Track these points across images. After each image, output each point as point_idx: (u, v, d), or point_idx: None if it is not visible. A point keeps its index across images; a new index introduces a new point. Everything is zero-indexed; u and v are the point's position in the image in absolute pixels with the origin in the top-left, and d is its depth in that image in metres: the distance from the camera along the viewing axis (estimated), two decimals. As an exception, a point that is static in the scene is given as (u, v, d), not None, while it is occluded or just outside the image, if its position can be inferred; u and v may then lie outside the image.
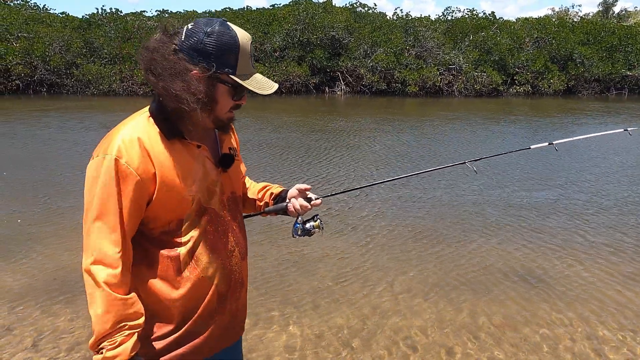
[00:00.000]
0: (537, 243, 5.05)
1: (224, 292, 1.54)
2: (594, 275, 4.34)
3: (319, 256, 4.65)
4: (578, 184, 7.34)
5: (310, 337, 3.33)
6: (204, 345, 1.53)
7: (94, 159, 1.37)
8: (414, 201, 6.39)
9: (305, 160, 8.63)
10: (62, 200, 6.18)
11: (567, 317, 3.63)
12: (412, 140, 10.79)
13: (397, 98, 20.37)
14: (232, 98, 1.43)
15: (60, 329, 3.37)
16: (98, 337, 1.32)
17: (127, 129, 1.39)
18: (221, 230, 1.53)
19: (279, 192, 1.79)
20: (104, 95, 18.97)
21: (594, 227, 5.52)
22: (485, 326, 3.50)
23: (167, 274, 1.45)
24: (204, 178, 1.47)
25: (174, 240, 1.44)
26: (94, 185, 1.35)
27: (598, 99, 21.74)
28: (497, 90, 21.64)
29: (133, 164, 1.35)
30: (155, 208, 1.40)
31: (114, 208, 1.34)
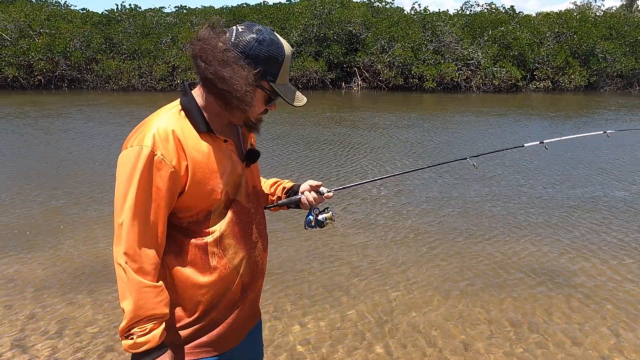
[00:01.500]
0: (562, 241, 5.00)
1: (248, 282, 1.59)
2: (620, 274, 4.28)
3: (335, 250, 4.67)
4: (604, 180, 7.23)
5: (326, 330, 3.36)
6: (228, 333, 1.57)
7: (127, 149, 1.40)
8: (431, 197, 6.36)
9: (318, 155, 8.64)
10: (93, 192, 6.31)
11: (587, 316, 3.60)
12: (426, 136, 10.73)
13: (414, 94, 20.22)
14: (265, 104, 1.50)
15: (84, 319, 3.45)
16: (129, 323, 1.37)
17: (161, 121, 1.43)
18: (246, 222, 1.58)
19: (290, 187, 1.86)
20: (123, 90, 19.21)
21: (620, 225, 5.44)
22: (503, 323, 3.48)
23: (194, 263, 1.48)
24: (231, 172, 1.52)
25: (202, 231, 1.48)
26: (128, 176, 1.37)
27: (620, 94, 21.29)
28: (516, 86, 21.31)
29: (168, 156, 1.38)
30: (186, 199, 1.44)
31: (149, 199, 1.38)
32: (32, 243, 4.75)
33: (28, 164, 7.83)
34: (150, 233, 1.39)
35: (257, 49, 1.41)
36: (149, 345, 1.37)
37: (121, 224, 1.37)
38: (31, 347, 3.12)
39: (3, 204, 5.90)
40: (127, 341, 1.38)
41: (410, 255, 4.60)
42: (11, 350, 3.09)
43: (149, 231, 1.39)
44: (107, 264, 4.29)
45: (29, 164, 7.83)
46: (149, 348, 1.38)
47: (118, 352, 3.08)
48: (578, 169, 7.93)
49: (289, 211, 1.88)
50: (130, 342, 1.37)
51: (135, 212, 1.37)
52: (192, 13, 24.15)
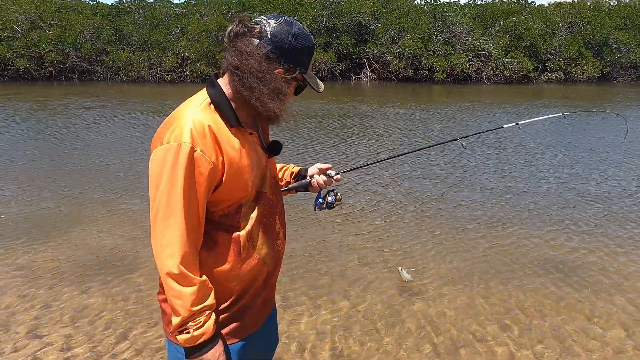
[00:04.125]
0: (578, 233, 4.96)
1: (272, 270, 1.64)
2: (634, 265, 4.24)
3: (347, 240, 4.67)
4: (621, 171, 7.14)
5: (336, 320, 3.37)
6: (254, 318, 1.63)
7: (164, 145, 1.39)
8: (439, 183, 6.32)
9: (326, 144, 8.62)
10: (96, 186, 6.36)
11: (599, 308, 3.57)
12: (435, 125, 10.65)
13: (424, 85, 20.08)
14: (295, 94, 1.57)
15: (98, 308, 3.49)
16: (182, 320, 1.41)
17: (195, 114, 1.42)
18: (271, 213, 1.61)
19: (297, 171, 1.89)
20: (133, 82, 19.27)
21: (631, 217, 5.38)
22: (516, 314, 3.47)
23: (227, 255, 1.51)
24: (258, 164, 1.54)
25: (233, 224, 1.51)
26: (170, 174, 1.37)
27: (634, 85, 20.97)
28: (527, 77, 21.07)
29: (207, 151, 1.39)
30: (220, 193, 1.46)
31: (193, 197, 1.39)
32: (47, 234, 4.80)
33: (45, 154, 7.89)
34: (195, 230, 1.42)
35: (294, 44, 1.45)
36: (205, 337, 1.43)
37: (165, 222, 1.38)
38: (45, 336, 3.16)
39: (16, 194, 5.96)
40: (183, 336, 1.42)
41: (418, 245, 4.58)
42: (26, 338, 3.13)
43: (194, 228, 1.41)
44: (121, 256, 4.32)
45: (46, 155, 7.89)
46: (205, 339, 1.43)
47: (131, 340, 3.11)
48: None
49: (298, 198, 1.89)
50: (187, 337, 1.42)
51: (181, 210, 1.38)
52: (200, 4, 24.09)
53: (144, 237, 4.66)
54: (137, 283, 3.83)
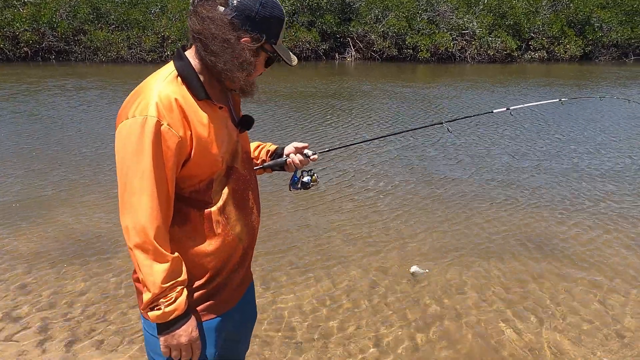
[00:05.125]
0: (556, 209, 5.02)
1: (247, 246, 1.63)
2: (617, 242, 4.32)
3: (328, 219, 4.67)
4: (599, 150, 7.23)
5: (320, 299, 3.38)
6: (231, 294, 1.62)
7: (129, 119, 1.35)
8: (416, 163, 6.34)
9: (308, 125, 8.56)
10: (75, 168, 6.23)
11: (581, 282, 3.63)
12: (417, 105, 10.64)
13: (408, 64, 20.00)
14: (265, 66, 1.51)
15: (76, 289, 3.44)
16: (153, 297, 1.38)
17: (160, 87, 1.38)
18: (244, 189, 1.59)
19: (274, 149, 1.85)
20: (113, 62, 18.83)
21: (616, 194, 5.47)
22: (496, 290, 3.51)
23: (200, 232, 1.49)
24: (228, 139, 1.51)
25: (205, 200, 1.48)
26: (136, 149, 1.33)
27: (615, 64, 21.17)
28: (511, 56, 21.11)
29: (174, 125, 1.35)
30: (189, 169, 1.43)
31: (160, 172, 1.35)
32: (24, 216, 4.70)
33: (21, 138, 7.70)
34: (164, 205, 1.38)
35: (262, 12, 1.39)
36: (176, 313, 1.41)
37: (134, 198, 1.35)
38: (22, 319, 3.11)
39: (-9, 177, 5.82)
40: (154, 312, 1.40)
41: (404, 224, 4.60)
42: (2, 321, 3.08)
43: (164, 204, 1.38)
44: (101, 239, 4.26)
45: (22, 138, 7.70)
46: (177, 316, 1.41)
47: (109, 321, 3.08)
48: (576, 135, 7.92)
49: (278, 177, 1.86)
50: (158, 313, 1.40)
51: (149, 185, 1.34)
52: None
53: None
54: (117, 265, 3.79)
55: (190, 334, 1.45)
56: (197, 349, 1.50)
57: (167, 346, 1.45)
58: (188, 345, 1.46)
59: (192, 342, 1.46)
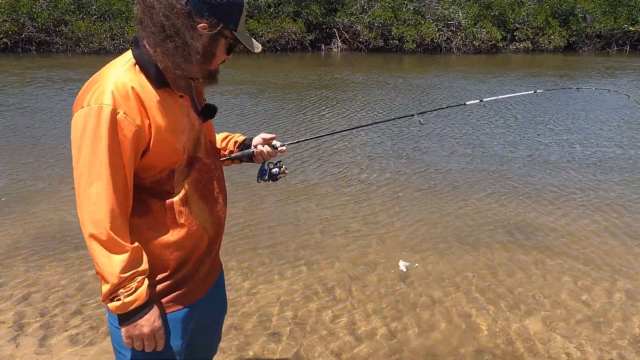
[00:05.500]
0: (530, 197, 5.07)
1: (213, 236, 1.61)
2: (586, 229, 4.38)
3: (306, 210, 4.66)
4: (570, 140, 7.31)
5: (298, 289, 3.38)
6: (198, 286, 1.61)
7: (84, 108, 1.32)
8: (394, 156, 6.36)
9: (289, 117, 8.53)
10: (52, 159, 6.14)
11: (552, 268, 3.68)
12: (397, 96, 10.65)
13: (394, 55, 19.96)
14: (227, 53, 1.46)
15: (50, 283, 3.40)
16: (112, 288, 1.36)
17: (117, 75, 1.36)
18: (208, 179, 1.57)
19: (242, 140, 1.83)
20: (95, 53, 18.53)
21: (585, 182, 5.54)
22: (472, 277, 3.54)
23: (162, 222, 1.47)
24: (190, 128, 1.49)
25: (166, 190, 1.46)
26: (92, 138, 1.31)
27: (599, 55, 21.35)
28: (496, 46, 21.16)
29: (131, 114, 1.33)
30: (149, 158, 1.40)
31: (117, 161, 1.33)
32: (7, 211, 4.63)
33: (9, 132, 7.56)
34: (123, 195, 1.36)
35: None
36: (137, 303, 1.39)
37: (90, 188, 1.32)
38: (-4, 313, 3.07)
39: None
40: (113, 303, 1.38)
41: (382, 214, 4.62)
42: (-25, 316, 3.03)
43: (122, 194, 1.36)
44: (76, 231, 4.21)
45: (2, 129, 7.56)
46: (137, 306, 1.39)
47: (85, 315, 3.05)
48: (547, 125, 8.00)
49: (247, 167, 1.85)
50: (117, 304, 1.37)
51: (106, 175, 1.32)
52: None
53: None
54: (94, 258, 3.74)
55: (153, 323, 1.44)
56: (161, 338, 1.48)
57: (129, 337, 1.44)
58: (151, 335, 1.44)
59: (154, 331, 1.45)
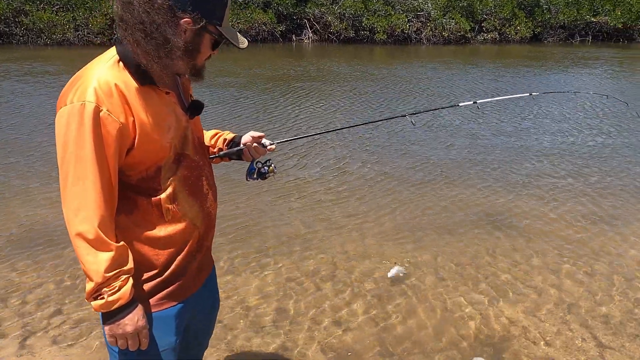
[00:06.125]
0: (503, 187, 5.22)
1: (203, 233, 1.62)
2: (558, 215, 4.55)
3: (289, 204, 4.68)
4: (540, 132, 7.54)
5: (282, 282, 3.41)
6: (189, 283, 1.62)
7: (67, 106, 1.31)
8: (380, 149, 6.44)
9: (265, 110, 8.50)
10: (24, 157, 5.95)
11: (528, 255, 3.82)
12: (375, 90, 10.74)
13: (365, 46, 20.03)
14: (212, 49, 1.46)
15: (27, 284, 3.32)
16: (96, 286, 1.36)
17: (100, 72, 1.34)
18: (196, 175, 1.57)
19: (231, 138, 1.83)
20: (58, 45, 17.92)
21: (557, 172, 5.73)
22: (451, 265, 3.64)
23: (149, 220, 1.47)
24: (177, 125, 1.48)
25: (153, 187, 1.46)
26: (75, 136, 1.30)
27: (563, 45, 21.98)
28: (465, 37, 21.52)
29: (114, 111, 1.32)
30: (134, 156, 1.40)
31: (101, 159, 1.32)
32: (-34, 209, 4.47)
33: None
34: (108, 193, 1.35)
35: None
36: (120, 302, 1.38)
37: (76, 186, 1.32)
38: (-28, 316, 2.98)
39: None
40: (97, 302, 1.37)
41: (362, 206, 4.68)
42: (-51, 320, 2.94)
43: (107, 191, 1.35)
44: (53, 230, 4.11)
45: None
46: (121, 305, 1.39)
47: (66, 315, 3.00)
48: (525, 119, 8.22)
49: (237, 164, 1.85)
50: (101, 302, 1.37)
51: (91, 173, 1.31)
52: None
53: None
54: (71, 257, 3.67)
55: (137, 323, 1.44)
56: (145, 337, 1.48)
57: (112, 335, 1.44)
58: (134, 334, 1.45)
59: (138, 330, 1.45)
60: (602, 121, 8.03)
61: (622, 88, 11.24)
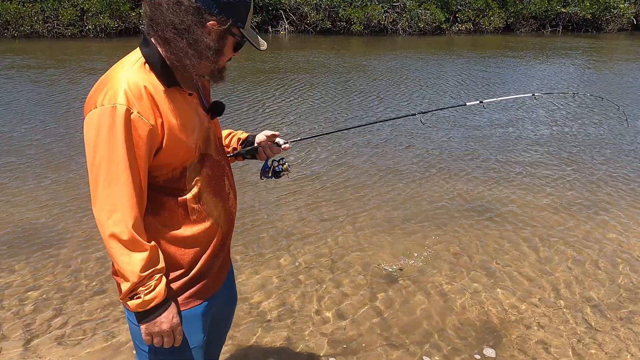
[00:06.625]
0: (489, 177, 5.36)
1: (226, 232, 1.65)
2: (541, 203, 4.70)
3: (283, 200, 4.71)
4: (522, 125, 7.73)
5: (280, 275, 3.44)
6: (213, 281, 1.64)
7: (97, 108, 1.32)
8: (369, 146, 6.50)
9: (263, 105, 8.46)
10: (9, 155, 5.79)
11: (516, 242, 3.95)
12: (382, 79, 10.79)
13: (342, 37, 20.02)
14: (234, 51, 1.48)
15: (24, 285, 3.27)
16: (132, 286, 1.38)
17: (129, 75, 1.35)
18: (219, 175, 1.59)
19: (245, 137, 1.86)
20: (26, 37, 17.33)
21: (534, 162, 5.91)
22: (444, 254, 3.74)
23: (176, 220, 1.50)
24: (200, 126, 1.50)
25: (179, 187, 1.48)
26: (107, 138, 1.31)
27: (534, 35, 22.42)
28: (440, 28, 21.73)
29: (144, 113, 1.34)
30: (162, 157, 1.42)
31: (131, 162, 1.34)
32: (-51, 210, 4.34)
33: None
34: (139, 195, 1.37)
35: None
36: (156, 301, 1.41)
37: (109, 188, 1.33)
38: (-31, 319, 2.93)
39: None
40: (133, 301, 1.40)
41: (354, 200, 4.74)
42: (-54, 324, 2.88)
43: (138, 193, 1.37)
44: (44, 229, 4.04)
45: None
46: (157, 303, 1.41)
47: (66, 315, 2.98)
48: (501, 109, 8.41)
49: (240, 163, 1.88)
50: (138, 302, 1.39)
51: (124, 175, 1.33)
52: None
53: (66, 209, 4.38)
54: (66, 256, 3.63)
55: (172, 320, 1.47)
56: (179, 334, 1.51)
57: (148, 334, 1.46)
58: (170, 332, 1.48)
59: (173, 328, 1.48)
60: (591, 111, 8.29)
61: (606, 80, 11.57)
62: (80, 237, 3.87)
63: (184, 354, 1.58)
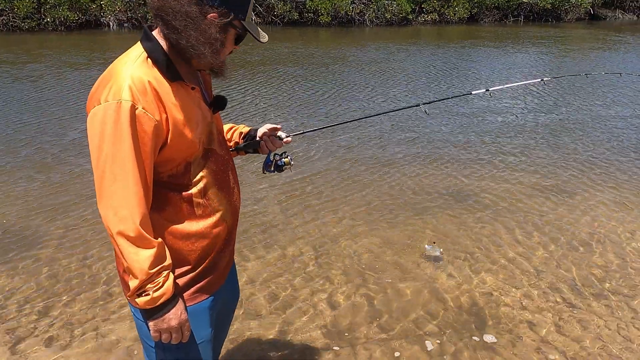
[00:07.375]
0: (467, 166, 5.50)
1: (232, 226, 1.64)
2: (518, 189, 4.86)
3: (267, 194, 4.70)
4: (498, 114, 7.94)
5: (268, 268, 3.46)
6: (219, 275, 1.65)
7: (102, 104, 1.29)
8: (351, 138, 6.55)
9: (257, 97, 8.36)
10: None
11: (495, 227, 4.09)
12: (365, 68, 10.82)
13: (310, 29, 19.96)
14: (235, 44, 1.47)
15: (5, 288, 3.17)
16: (140, 283, 1.36)
17: (132, 70, 1.33)
18: (223, 169, 1.59)
19: (247, 131, 1.85)
20: (-20, 31, 16.55)
21: (512, 149, 6.09)
22: (425, 240, 3.83)
23: (181, 215, 1.48)
24: (203, 120, 1.49)
25: (184, 183, 1.47)
26: (112, 134, 1.29)
27: (497, 25, 22.93)
28: (406, 19, 21.94)
29: (149, 108, 1.32)
30: (166, 152, 1.40)
31: (137, 157, 1.32)
32: None
33: None
34: (145, 191, 1.35)
35: None
36: (165, 297, 1.40)
37: (115, 185, 1.31)
38: (-52, 326, 2.82)
39: None
40: (142, 298, 1.38)
41: (337, 191, 4.78)
42: None
43: (143, 189, 1.35)
44: (21, 230, 3.91)
45: None
46: (165, 300, 1.41)
47: (53, 317, 2.91)
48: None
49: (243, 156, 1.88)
50: (146, 299, 1.38)
51: (130, 171, 1.31)
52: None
53: (43, 209, 4.25)
54: (47, 256, 3.53)
55: (180, 316, 1.47)
56: (187, 330, 1.52)
57: (157, 330, 1.46)
58: (178, 328, 1.48)
59: (182, 324, 1.48)
60: (557, 99, 8.57)
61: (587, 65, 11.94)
62: (60, 237, 3.77)
63: (191, 349, 1.58)
